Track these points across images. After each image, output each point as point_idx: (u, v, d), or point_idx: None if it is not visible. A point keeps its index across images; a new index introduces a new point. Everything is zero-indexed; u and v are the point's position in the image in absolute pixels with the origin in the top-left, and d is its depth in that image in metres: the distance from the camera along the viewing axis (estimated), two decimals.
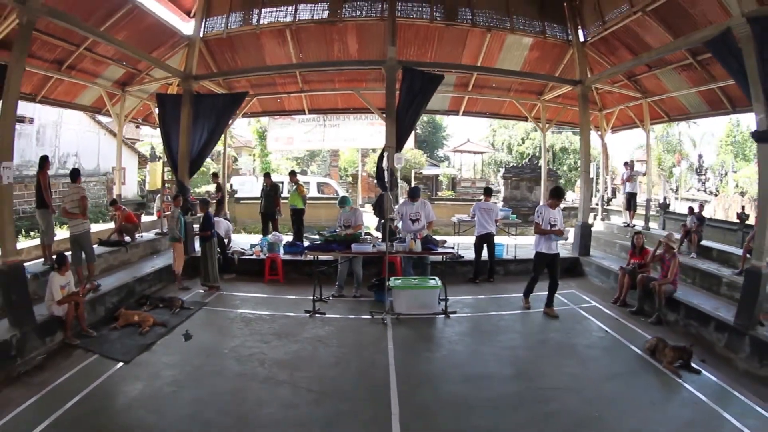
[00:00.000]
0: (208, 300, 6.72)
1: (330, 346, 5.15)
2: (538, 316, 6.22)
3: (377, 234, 8.14)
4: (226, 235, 8.44)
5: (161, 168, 11.65)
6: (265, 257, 8.01)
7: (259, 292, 7.17)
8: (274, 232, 9.08)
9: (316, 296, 6.33)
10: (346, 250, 6.47)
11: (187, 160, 8.42)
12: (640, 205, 10.54)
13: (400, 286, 6.13)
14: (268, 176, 9.94)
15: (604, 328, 5.75)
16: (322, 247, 6.61)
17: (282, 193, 10.74)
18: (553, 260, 6.21)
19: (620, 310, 6.43)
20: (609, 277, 7.70)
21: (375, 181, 10.83)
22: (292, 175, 9.98)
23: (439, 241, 7.19)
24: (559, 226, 6.12)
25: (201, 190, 15.23)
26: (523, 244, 9.03)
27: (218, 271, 7.27)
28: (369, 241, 6.69)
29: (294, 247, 8.55)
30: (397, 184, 9.24)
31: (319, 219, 13.14)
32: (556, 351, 5.16)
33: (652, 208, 11.25)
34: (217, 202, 9.95)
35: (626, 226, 10.34)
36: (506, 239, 9.01)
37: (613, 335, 5.51)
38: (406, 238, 6.63)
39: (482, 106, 11.98)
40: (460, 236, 9.04)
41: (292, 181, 9.72)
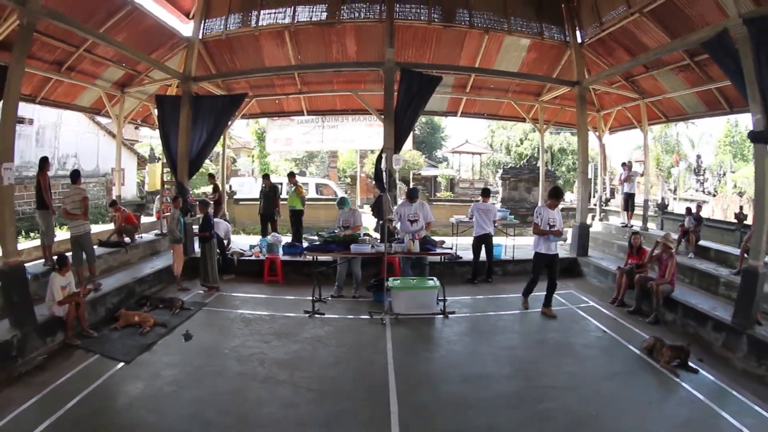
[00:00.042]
0: (208, 300, 6.73)
1: (329, 346, 5.17)
2: (536, 316, 6.24)
3: (376, 235, 8.18)
4: (226, 236, 8.47)
5: (160, 169, 11.63)
6: (265, 258, 8.03)
7: (258, 293, 7.19)
8: (273, 233, 9.09)
9: (316, 297, 6.35)
10: (345, 251, 6.49)
11: (187, 161, 8.45)
12: (638, 206, 10.56)
13: (399, 287, 6.15)
14: (267, 177, 9.95)
15: (602, 328, 5.78)
16: (321, 248, 6.63)
17: (281, 194, 10.74)
18: (552, 261, 6.23)
19: (618, 310, 6.45)
20: (607, 277, 7.72)
21: (373, 182, 10.85)
22: (291, 176, 9.97)
23: (438, 242, 7.20)
24: (558, 226, 6.14)
25: (199, 192, 15.22)
26: (521, 245, 9.06)
27: (218, 272, 7.29)
28: (368, 242, 6.74)
29: (293, 248, 8.56)
30: (396, 185, 9.24)
31: (318, 220, 13.16)
32: (555, 351, 5.18)
33: (650, 209, 11.28)
34: (214, 203, 9.96)
35: (624, 226, 10.36)
36: (504, 240, 9.03)
37: (611, 335, 5.54)
38: (405, 239, 6.67)
39: (480, 107, 12.00)
40: (458, 237, 9.06)
41: (291, 183, 9.71)
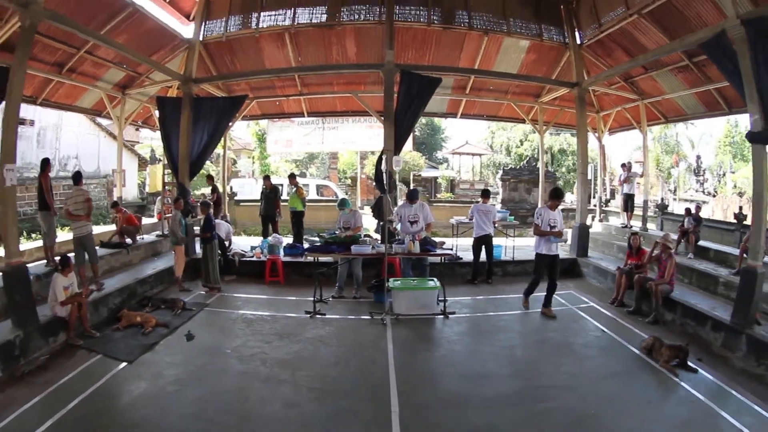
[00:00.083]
0: (210, 301, 6.75)
1: (330, 346, 5.20)
2: (536, 317, 6.26)
3: (376, 236, 8.19)
4: (227, 237, 8.49)
5: (161, 170, 11.67)
6: (266, 259, 8.05)
7: (259, 294, 7.21)
8: (274, 234, 9.12)
9: (317, 297, 6.37)
10: (346, 252, 6.51)
11: (187, 163, 8.48)
12: (638, 206, 10.59)
13: (400, 287, 6.17)
14: (267, 178, 9.98)
15: (601, 328, 5.79)
16: (322, 249, 6.64)
17: (282, 196, 10.77)
18: (553, 261, 6.25)
19: (617, 310, 6.47)
20: (606, 277, 7.74)
21: (374, 184, 10.87)
22: (292, 177, 10.00)
23: (438, 243, 7.22)
24: (559, 227, 6.16)
25: (198, 193, 15.24)
26: (521, 246, 9.09)
27: (219, 273, 7.32)
28: (368, 243, 6.74)
29: (294, 249, 8.59)
30: (396, 187, 9.28)
31: (318, 221, 13.18)
32: (554, 350, 5.20)
33: (649, 209, 11.30)
34: (214, 204, 9.96)
35: (624, 227, 10.38)
36: (504, 241, 9.05)
37: (611, 335, 5.56)
38: (405, 240, 6.70)
39: (480, 108, 12.03)
40: (458, 238, 9.08)
41: (292, 184, 9.74)
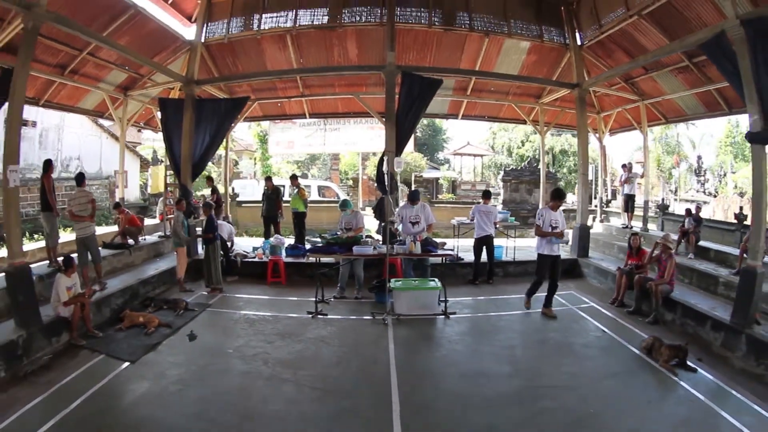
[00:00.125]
0: (212, 302, 6.78)
1: (332, 345, 5.22)
2: (536, 317, 6.28)
3: (378, 236, 8.21)
4: (229, 238, 8.53)
5: (163, 171, 11.70)
6: (268, 260, 8.08)
7: (261, 294, 7.24)
8: (276, 235, 9.16)
9: (318, 298, 6.40)
10: (348, 253, 6.53)
11: (190, 164, 8.51)
12: (639, 207, 10.60)
13: (401, 288, 6.20)
14: (269, 180, 9.98)
15: (601, 328, 5.81)
16: (324, 250, 6.67)
17: (283, 197, 10.79)
18: (555, 262, 6.27)
19: (618, 311, 6.49)
20: (607, 278, 7.76)
21: (375, 185, 10.88)
22: (294, 178, 10.01)
23: (439, 243, 7.24)
24: (561, 227, 6.18)
25: (198, 194, 15.27)
26: (522, 246, 9.11)
27: (221, 274, 7.35)
28: (370, 244, 6.76)
29: (296, 250, 8.61)
30: (398, 188, 9.30)
31: (320, 222, 13.21)
32: (554, 350, 5.22)
33: (650, 210, 11.30)
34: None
35: (625, 227, 10.40)
36: (505, 241, 9.07)
37: (611, 335, 5.57)
38: (406, 241, 6.72)
39: (481, 109, 12.06)
40: (459, 238, 9.09)
41: (294, 185, 9.75)
